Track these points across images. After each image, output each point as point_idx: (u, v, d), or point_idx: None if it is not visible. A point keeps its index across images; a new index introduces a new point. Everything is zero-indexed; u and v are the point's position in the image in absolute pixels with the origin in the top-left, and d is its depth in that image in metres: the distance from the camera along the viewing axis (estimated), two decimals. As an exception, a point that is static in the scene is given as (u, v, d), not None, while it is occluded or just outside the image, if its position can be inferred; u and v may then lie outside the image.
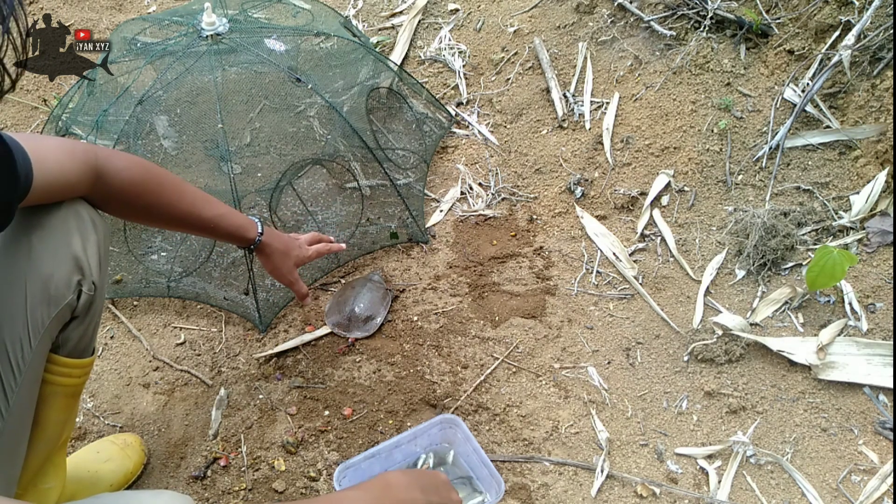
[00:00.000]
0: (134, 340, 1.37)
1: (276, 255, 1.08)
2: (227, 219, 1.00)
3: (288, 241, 1.12)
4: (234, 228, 1.01)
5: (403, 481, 0.80)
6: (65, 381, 0.86)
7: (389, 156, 1.50)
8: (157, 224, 1.01)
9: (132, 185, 0.86)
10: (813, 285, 1.25)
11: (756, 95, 1.51)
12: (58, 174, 0.76)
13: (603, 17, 1.68)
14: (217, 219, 0.98)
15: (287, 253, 1.09)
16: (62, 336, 0.83)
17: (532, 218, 1.52)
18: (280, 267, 1.10)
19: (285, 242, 1.10)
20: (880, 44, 1.37)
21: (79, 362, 0.87)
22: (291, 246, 1.11)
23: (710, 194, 1.47)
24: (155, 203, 0.91)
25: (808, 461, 1.15)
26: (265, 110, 1.45)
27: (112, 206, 0.88)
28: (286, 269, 1.11)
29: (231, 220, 1.01)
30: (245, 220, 1.03)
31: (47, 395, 0.84)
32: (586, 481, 1.15)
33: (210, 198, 0.98)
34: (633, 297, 1.38)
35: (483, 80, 1.73)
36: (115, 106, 1.30)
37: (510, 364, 1.30)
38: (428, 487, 0.82)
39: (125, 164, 0.85)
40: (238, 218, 1.02)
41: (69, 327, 0.83)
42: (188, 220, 0.95)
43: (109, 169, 0.84)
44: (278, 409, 1.25)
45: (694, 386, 1.25)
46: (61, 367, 0.85)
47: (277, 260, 1.09)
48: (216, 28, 1.28)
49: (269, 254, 1.08)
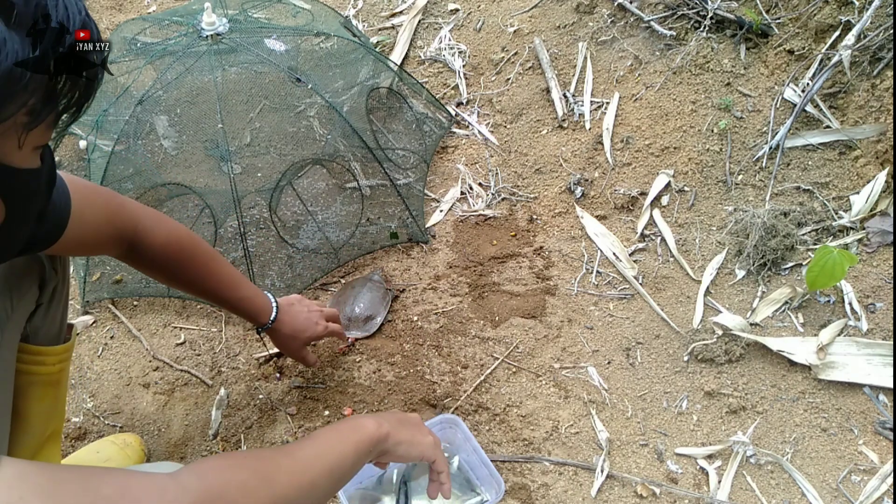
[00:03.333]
0: (134, 340, 1.37)
1: (283, 337, 1.13)
2: (247, 303, 1.06)
3: (300, 324, 1.14)
4: (252, 313, 1.07)
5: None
6: (41, 370, 0.85)
7: (389, 156, 1.50)
8: (180, 289, 1.06)
9: (165, 260, 0.94)
10: (813, 285, 1.25)
11: (756, 95, 1.51)
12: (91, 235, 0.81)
13: (603, 17, 1.68)
14: (237, 301, 1.04)
15: (295, 336, 1.14)
16: (30, 325, 0.82)
17: (532, 218, 1.52)
18: (287, 345, 1.16)
19: (295, 328, 1.13)
20: (880, 44, 1.37)
21: (52, 349, 0.86)
22: (301, 329, 1.14)
23: (710, 194, 1.47)
24: (182, 277, 0.98)
25: (808, 461, 1.15)
26: (265, 110, 1.45)
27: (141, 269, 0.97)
28: (293, 348, 1.16)
29: (251, 304, 1.06)
30: (263, 304, 1.08)
31: (25, 386, 0.83)
32: (586, 481, 1.15)
33: (237, 278, 1.04)
34: (633, 297, 1.38)
35: (483, 80, 1.73)
36: (115, 106, 1.30)
37: (510, 364, 1.29)
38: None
39: (163, 241, 0.92)
40: (258, 301, 1.07)
41: (36, 315, 0.82)
42: (211, 295, 1.03)
43: (145, 242, 0.90)
44: (278, 409, 1.25)
45: (694, 386, 1.25)
46: (35, 355, 0.84)
47: (284, 340, 1.14)
48: (216, 28, 1.28)
49: (277, 336, 1.14)
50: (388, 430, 0.80)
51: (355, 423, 0.79)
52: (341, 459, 0.73)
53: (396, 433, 0.82)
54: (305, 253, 1.44)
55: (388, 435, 0.80)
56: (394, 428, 0.81)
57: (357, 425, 0.79)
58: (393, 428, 0.81)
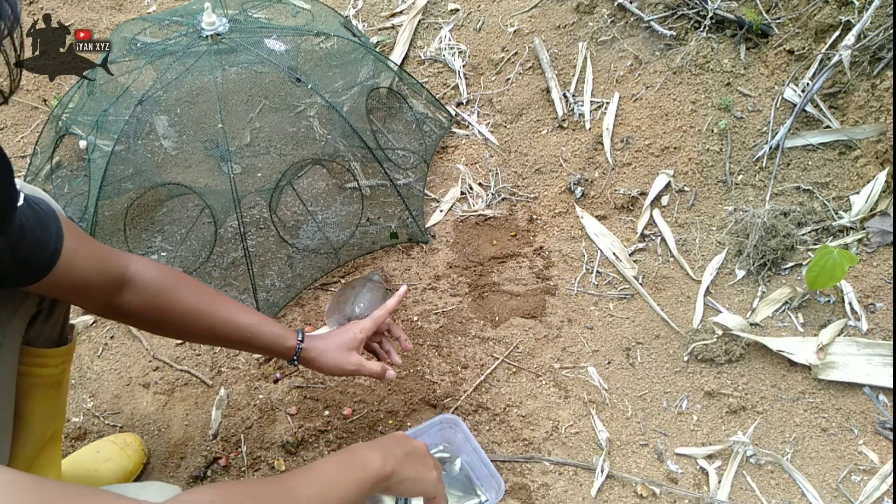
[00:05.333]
0: (134, 340, 1.37)
1: (319, 352, 0.96)
2: (266, 326, 0.93)
3: (332, 335, 0.99)
4: (273, 335, 0.93)
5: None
6: (43, 372, 0.85)
7: (389, 156, 1.50)
8: (187, 328, 0.91)
9: (166, 290, 0.85)
10: (813, 285, 1.25)
11: (756, 95, 1.51)
12: (79, 279, 0.76)
13: (603, 17, 1.68)
14: (257, 327, 0.92)
15: (327, 350, 0.96)
16: (32, 330, 0.82)
17: (532, 218, 1.52)
18: (330, 363, 0.96)
19: (327, 339, 0.98)
20: (880, 44, 1.37)
21: (54, 352, 0.86)
22: (336, 336, 0.98)
23: (710, 194, 1.47)
24: (187, 309, 0.87)
25: (808, 461, 1.15)
26: (265, 110, 1.45)
27: (140, 317, 0.86)
28: (338, 360, 0.96)
29: (270, 327, 0.94)
30: (285, 329, 0.95)
31: (27, 388, 0.83)
32: (586, 481, 1.15)
33: (246, 308, 0.93)
34: (633, 297, 1.38)
35: (483, 80, 1.73)
36: (115, 106, 1.30)
37: (510, 364, 1.29)
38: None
39: (159, 272, 0.85)
40: (277, 326, 0.95)
41: (37, 320, 0.82)
42: (224, 325, 0.90)
43: (140, 275, 0.83)
44: (278, 409, 1.25)
45: (694, 386, 1.25)
46: (37, 357, 0.84)
47: (324, 357, 0.96)
48: (216, 28, 1.28)
49: (314, 357, 0.96)
50: (393, 467, 0.77)
51: (361, 458, 0.75)
52: (343, 501, 0.70)
53: (401, 470, 0.78)
54: (305, 253, 1.44)
55: (393, 473, 0.76)
56: (399, 465, 0.78)
57: (362, 462, 0.75)
58: (398, 465, 0.78)
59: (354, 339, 0.98)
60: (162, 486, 0.79)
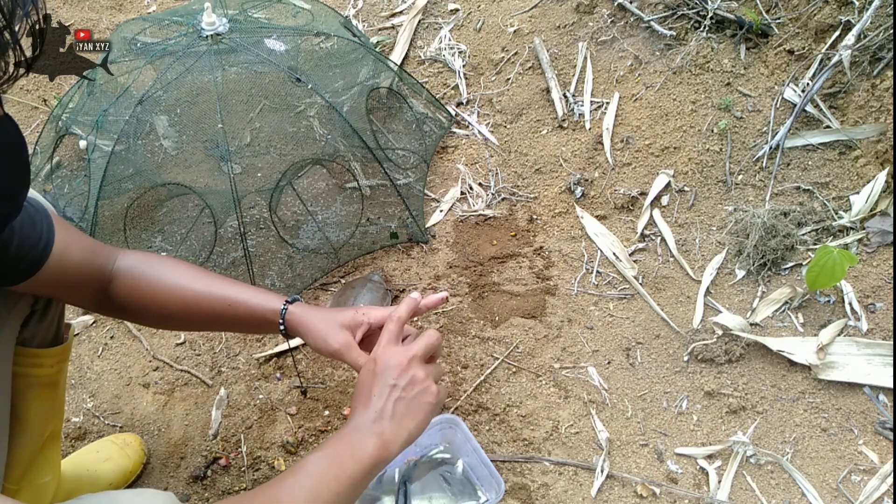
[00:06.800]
0: (134, 340, 1.37)
1: (308, 319, 0.86)
2: (249, 291, 0.88)
3: (331, 309, 0.91)
4: (258, 300, 0.87)
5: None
6: (39, 373, 0.85)
7: (389, 156, 1.50)
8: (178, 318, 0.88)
9: (157, 267, 0.85)
10: (813, 285, 1.25)
11: (756, 95, 1.51)
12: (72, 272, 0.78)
13: (603, 17, 1.68)
14: (237, 293, 0.86)
15: (318, 318, 0.86)
16: (27, 331, 0.82)
17: (532, 218, 1.52)
18: (315, 333, 0.85)
19: (322, 310, 0.89)
20: (880, 44, 1.37)
21: (49, 352, 0.86)
22: (333, 311, 0.89)
23: (710, 194, 1.47)
24: (177, 283, 0.84)
25: (808, 461, 1.15)
26: (265, 110, 1.45)
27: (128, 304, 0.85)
28: (326, 332, 0.85)
29: (254, 292, 0.88)
30: (274, 295, 0.88)
31: (23, 388, 0.83)
32: (586, 481, 1.15)
33: (234, 280, 0.89)
34: (633, 297, 1.38)
35: (483, 80, 1.73)
36: (115, 106, 1.30)
37: (510, 364, 1.30)
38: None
39: (144, 254, 0.87)
40: (264, 292, 0.89)
41: (31, 321, 0.82)
42: (206, 301, 0.85)
43: (130, 257, 0.85)
44: (278, 409, 1.25)
45: (694, 386, 1.25)
46: (32, 358, 0.84)
47: (311, 324, 0.86)
48: (216, 28, 1.28)
49: (300, 322, 0.86)
50: (392, 445, 0.73)
51: (355, 445, 0.72)
52: (337, 499, 0.67)
53: (399, 437, 0.74)
54: (305, 253, 1.44)
55: (392, 452, 0.73)
56: (396, 433, 0.74)
57: (356, 449, 0.71)
58: (395, 434, 0.74)
59: (353, 319, 0.86)
60: (155, 493, 0.79)
